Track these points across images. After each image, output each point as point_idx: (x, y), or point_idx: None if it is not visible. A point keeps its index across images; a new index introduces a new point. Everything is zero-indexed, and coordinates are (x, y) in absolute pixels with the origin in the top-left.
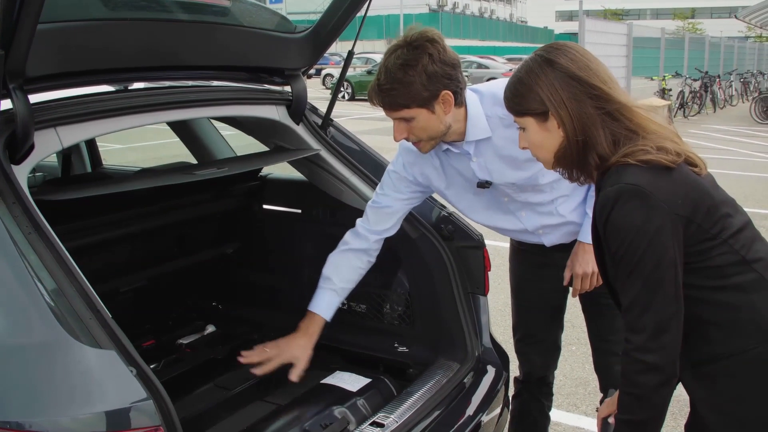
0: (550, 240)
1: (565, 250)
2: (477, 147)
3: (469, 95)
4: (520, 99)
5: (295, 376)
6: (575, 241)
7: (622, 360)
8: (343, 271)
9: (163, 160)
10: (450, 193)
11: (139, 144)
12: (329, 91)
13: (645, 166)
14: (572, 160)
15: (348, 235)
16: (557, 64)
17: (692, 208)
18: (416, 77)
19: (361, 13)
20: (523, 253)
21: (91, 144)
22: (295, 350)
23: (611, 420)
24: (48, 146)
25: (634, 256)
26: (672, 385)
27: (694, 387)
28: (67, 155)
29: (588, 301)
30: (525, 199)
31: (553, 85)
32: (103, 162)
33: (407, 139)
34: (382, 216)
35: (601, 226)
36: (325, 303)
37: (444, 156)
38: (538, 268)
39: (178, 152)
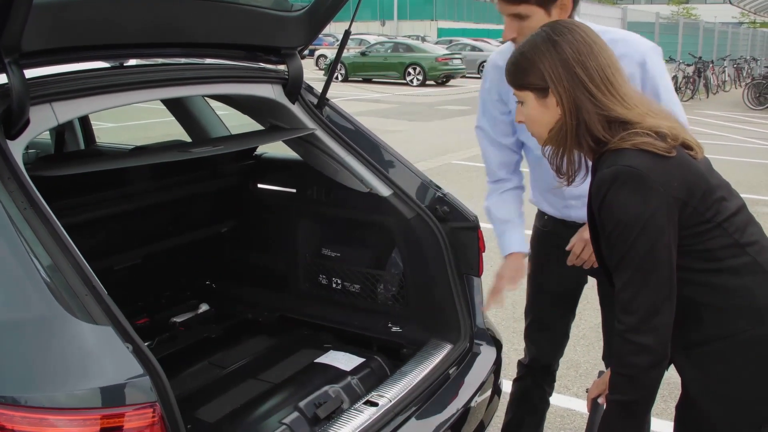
0: (573, 215)
1: None
2: None
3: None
4: (522, 73)
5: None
6: None
7: (615, 341)
8: (512, 207)
9: (155, 139)
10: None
11: (132, 123)
12: (323, 72)
13: (641, 149)
14: (566, 139)
15: (493, 185)
16: (560, 46)
17: (688, 191)
18: None
19: None
20: (547, 235)
21: (84, 121)
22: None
23: (601, 400)
24: (43, 122)
25: (629, 238)
26: (663, 366)
27: (687, 368)
28: (60, 132)
29: (605, 293)
30: None
31: (555, 63)
32: (97, 140)
33: (514, 41)
34: (492, 141)
35: (596, 207)
36: (517, 239)
37: None
38: (559, 251)
39: (171, 131)
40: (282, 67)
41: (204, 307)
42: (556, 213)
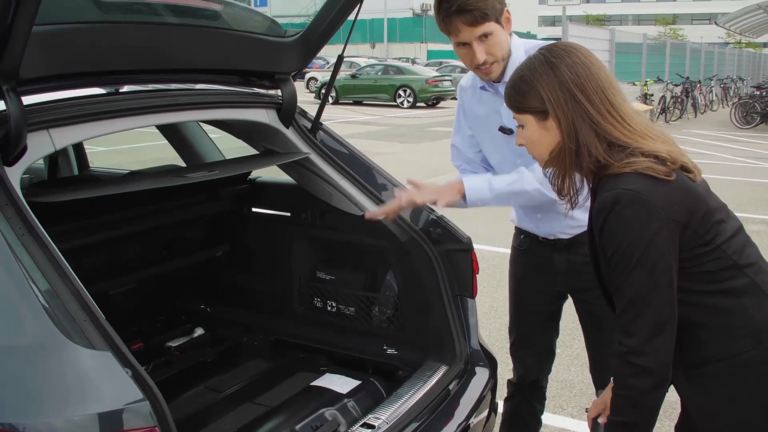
0: (544, 229)
1: (564, 252)
2: None
3: (516, 39)
4: (522, 96)
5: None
6: (573, 240)
7: (616, 362)
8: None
9: (147, 162)
10: (473, 129)
11: (124, 146)
12: (313, 94)
13: (642, 173)
14: (566, 161)
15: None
16: (558, 68)
17: (688, 214)
18: None
19: (351, 17)
20: (523, 254)
21: (78, 146)
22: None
23: (601, 420)
24: (41, 148)
25: (630, 260)
26: (664, 388)
27: (686, 389)
28: (53, 158)
29: (584, 310)
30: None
31: (554, 87)
32: (90, 164)
33: (485, 63)
34: (463, 157)
35: (597, 230)
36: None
37: (477, 94)
38: (536, 270)
39: (163, 155)
40: (276, 92)
41: (199, 331)
42: (526, 225)
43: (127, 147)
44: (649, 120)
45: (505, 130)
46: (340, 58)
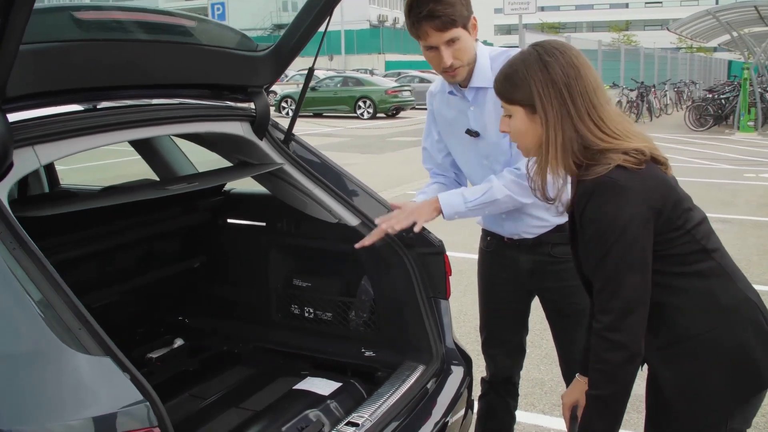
0: (508, 229)
1: (530, 252)
2: (476, 95)
3: (481, 46)
4: (513, 88)
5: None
6: (538, 240)
7: (592, 339)
8: (431, 186)
9: (112, 179)
10: (443, 133)
11: (85, 165)
12: (273, 107)
13: (618, 165)
14: (545, 156)
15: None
16: (552, 68)
17: (662, 201)
18: None
19: (321, 29)
20: (490, 255)
21: (48, 164)
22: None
23: (578, 413)
24: (26, 164)
25: (607, 243)
26: (637, 362)
27: (660, 368)
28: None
29: (551, 309)
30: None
31: (546, 85)
32: (60, 182)
33: (451, 66)
34: (433, 161)
35: (578, 215)
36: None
37: (445, 98)
38: (503, 270)
39: (125, 172)
40: (249, 104)
41: (179, 342)
42: (492, 226)
43: (89, 165)
44: (629, 120)
45: (472, 133)
46: (311, 71)
